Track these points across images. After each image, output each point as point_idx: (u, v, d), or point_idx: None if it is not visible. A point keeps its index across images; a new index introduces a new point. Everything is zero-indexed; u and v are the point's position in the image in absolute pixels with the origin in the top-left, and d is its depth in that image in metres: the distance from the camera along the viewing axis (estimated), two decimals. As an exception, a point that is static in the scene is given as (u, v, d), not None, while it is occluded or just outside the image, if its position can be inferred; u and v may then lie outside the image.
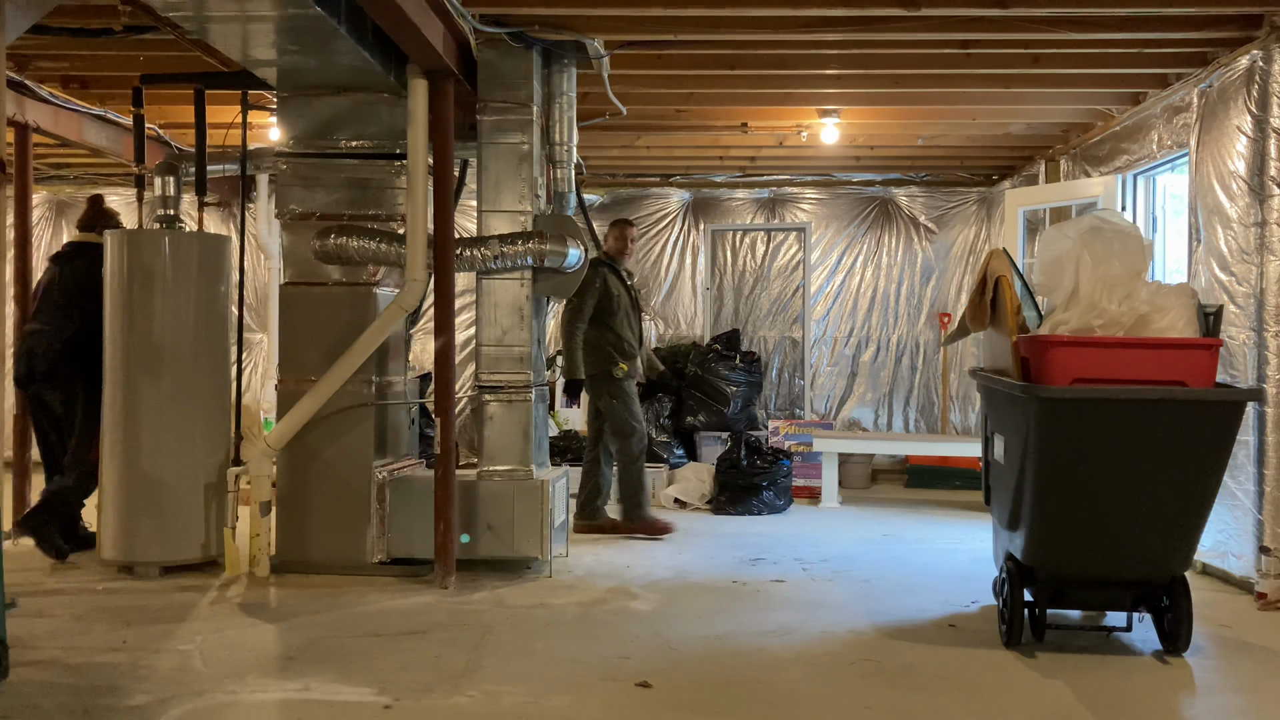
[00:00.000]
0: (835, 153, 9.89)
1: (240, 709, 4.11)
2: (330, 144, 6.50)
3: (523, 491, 6.28)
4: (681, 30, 6.33)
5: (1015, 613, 4.96)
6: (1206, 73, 6.56)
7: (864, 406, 11.25)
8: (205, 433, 6.39)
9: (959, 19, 6.16)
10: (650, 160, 10.50)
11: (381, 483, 6.32)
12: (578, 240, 6.47)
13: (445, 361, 6.17)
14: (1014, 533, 5.04)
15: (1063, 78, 7.34)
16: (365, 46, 5.60)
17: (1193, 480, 4.67)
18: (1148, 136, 7.47)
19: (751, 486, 8.81)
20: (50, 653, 4.74)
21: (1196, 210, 6.63)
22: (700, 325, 11.36)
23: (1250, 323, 6.04)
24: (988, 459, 5.55)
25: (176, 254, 6.37)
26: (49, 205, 11.33)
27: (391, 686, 4.33)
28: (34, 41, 6.35)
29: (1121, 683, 4.58)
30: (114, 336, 6.32)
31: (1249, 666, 4.90)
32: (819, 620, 5.49)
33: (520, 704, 4.17)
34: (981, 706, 4.28)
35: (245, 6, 5.06)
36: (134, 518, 6.21)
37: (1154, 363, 4.67)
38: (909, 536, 7.94)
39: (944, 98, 7.98)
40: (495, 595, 5.89)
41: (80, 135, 8.01)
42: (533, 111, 6.40)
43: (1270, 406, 5.87)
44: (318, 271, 6.48)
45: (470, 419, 10.46)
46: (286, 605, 5.65)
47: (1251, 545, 5.96)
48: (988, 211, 11.04)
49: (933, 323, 11.20)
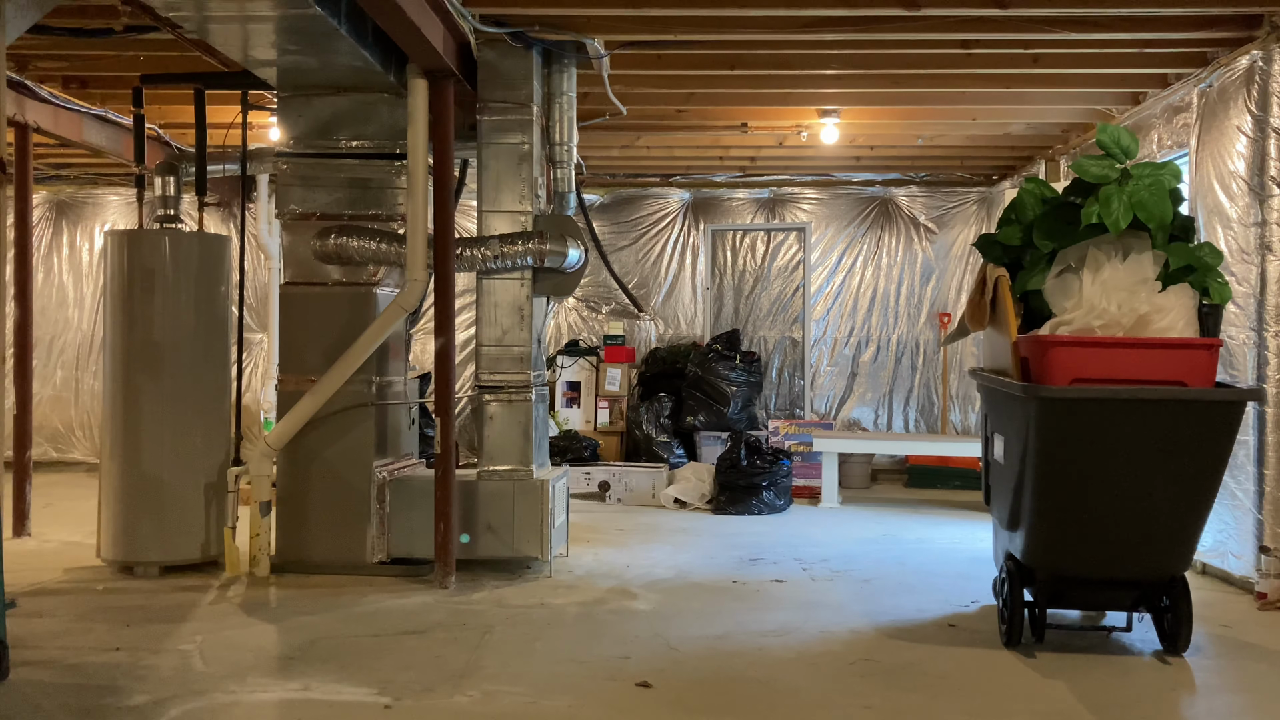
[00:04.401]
0: (835, 153, 9.89)
1: (240, 709, 4.11)
2: (330, 144, 6.50)
3: (523, 491, 6.28)
4: (681, 30, 6.33)
5: (1015, 613, 4.96)
6: (1206, 73, 6.56)
7: (864, 406, 11.25)
8: (205, 433, 6.39)
9: (959, 19, 6.16)
10: (650, 160, 10.50)
11: (381, 483, 6.32)
12: (578, 240, 6.47)
13: (445, 361, 6.17)
14: (1014, 533, 5.04)
15: (1063, 78, 7.34)
16: (365, 46, 5.60)
17: (1193, 480, 4.67)
18: (1148, 137, 7.47)
19: (751, 486, 8.81)
20: (50, 653, 4.74)
21: (1196, 210, 6.63)
22: (700, 325, 11.36)
23: (1250, 323, 6.04)
24: (988, 459, 5.55)
25: (176, 254, 6.37)
26: (49, 205, 11.34)
27: (391, 686, 4.33)
28: (34, 41, 6.35)
29: (1121, 683, 4.58)
30: (114, 336, 6.32)
31: (1249, 666, 4.90)
32: (819, 620, 5.49)
33: (520, 704, 4.17)
34: (981, 706, 4.28)
35: (245, 6, 5.06)
36: (134, 518, 6.21)
37: (1154, 363, 4.67)
38: (909, 536, 7.94)
39: (944, 98, 7.98)
40: (495, 595, 5.89)
41: (80, 135, 8.02)
42: (533, 111, 6.40)
43: (1270, 406, 5.87)
44: (318, 271, 6.48)
45: (470, 419, 10.47)
46: (286, 605, 5.65)
47: (1251, 545, 5.96)
48: (988, 211, 11.04)
49: (933, 323, 11.20)
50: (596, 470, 9.45)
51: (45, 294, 11.11)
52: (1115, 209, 4.86)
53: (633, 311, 11.17)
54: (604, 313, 11.43)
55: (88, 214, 11.43)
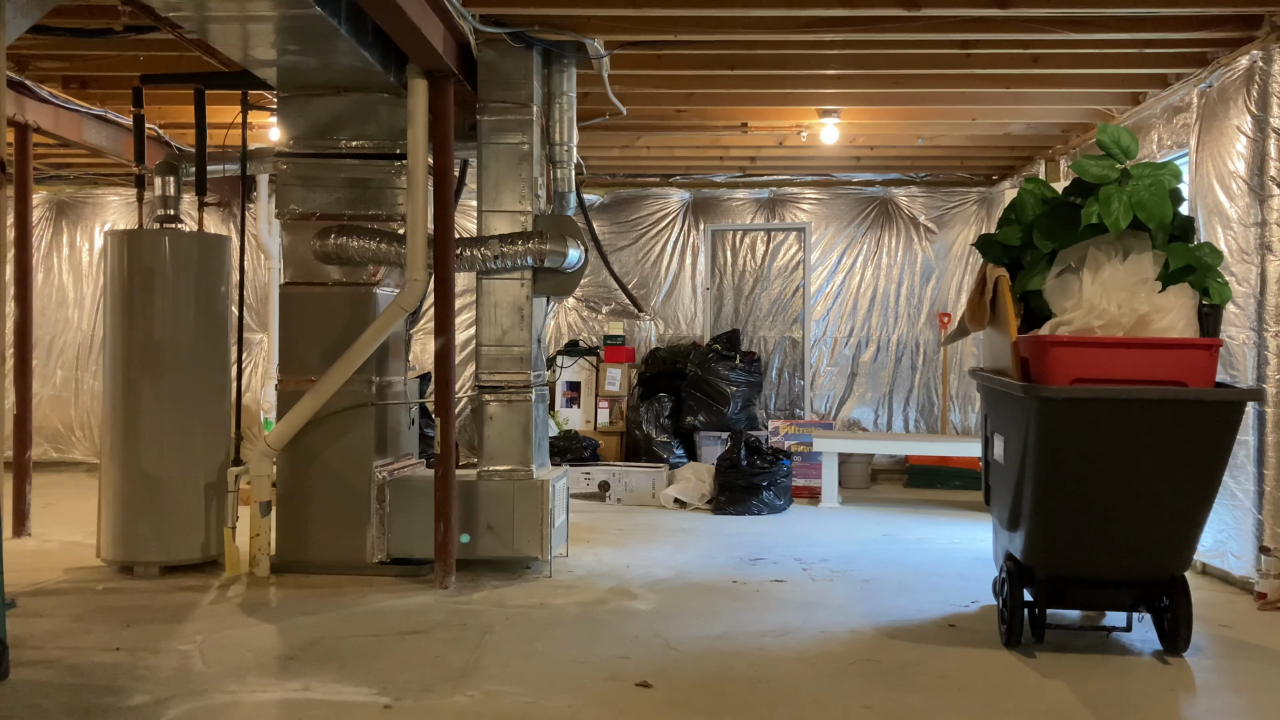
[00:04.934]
0: (835, 153, 9.89)
1: (240, 709, 4.11)
2: (330, 144, 6.50)
3: (523, 491, 6.28)
4: (681, 30, 6.33)
5: (1015, 613, 4.96)
6: (1206, 73, 6.56)
7: (864, 406, 11.25)
8: (205, 433, 6.40)
9: (959, 19, 6.16)
10: (650, 160, 10.50)
11: (381, 483, 6.32)
12: (578, 240, 6.47)
13: (445, 361, 6.17)
14: (1014, 533, 5.04)
15: (1063, 78, 7.34)
16: (365, 46, 5.60)
17: (1192, 480, 4.67)
18: (1148, 137, 7.46)
19: (751, 486, 8.81)
20: (50, 653, 4.74)
21: (1196, 210, 6.63)
22: (700, 325, 11.36)
23: (1250, 323, 6.04)
24: (988, 459, 5.55)
25: (176, 254, 6.37)
26: (49, 205, 11.34)
27: (391, 686, 4.33)
28: (34, 41, 6.35)
29: (1121, 683, 4.58)
30: (114, 336, 6.32)
31: (1249, 666, 4.90)
32: (819, 620, 5.49)
33: (520, 704, 4.17)
34: (981, 706, 4.28)
35: (245, 6, 5.06)
36: (134, 518, 6.21)
37: (1154, 363, 4.67)
38: (909, 536, 7.94)
39: (944, 98, 7.98)
40: (495, 595, 5.89)
41: (80, 135, 8.02)
42: (533, 111, 6.40)
43: (1270, 406, 5.86)
44: (318, 271, 6.48)
45: (470, 419, 10.47)
46: (286, 605, 5.65)
47: (1251, 545, 5.96)
48: (988, 211, 11.04)
49: (933, 323, 11.19)
50: (596, 470, 9.45)
51: (45, 294, 11.11)
52: (1115, 209, 4.86)
53: (633, 311, 11.17)
54: (604, 313, 11.43)
55: (88, 214, 11.43)
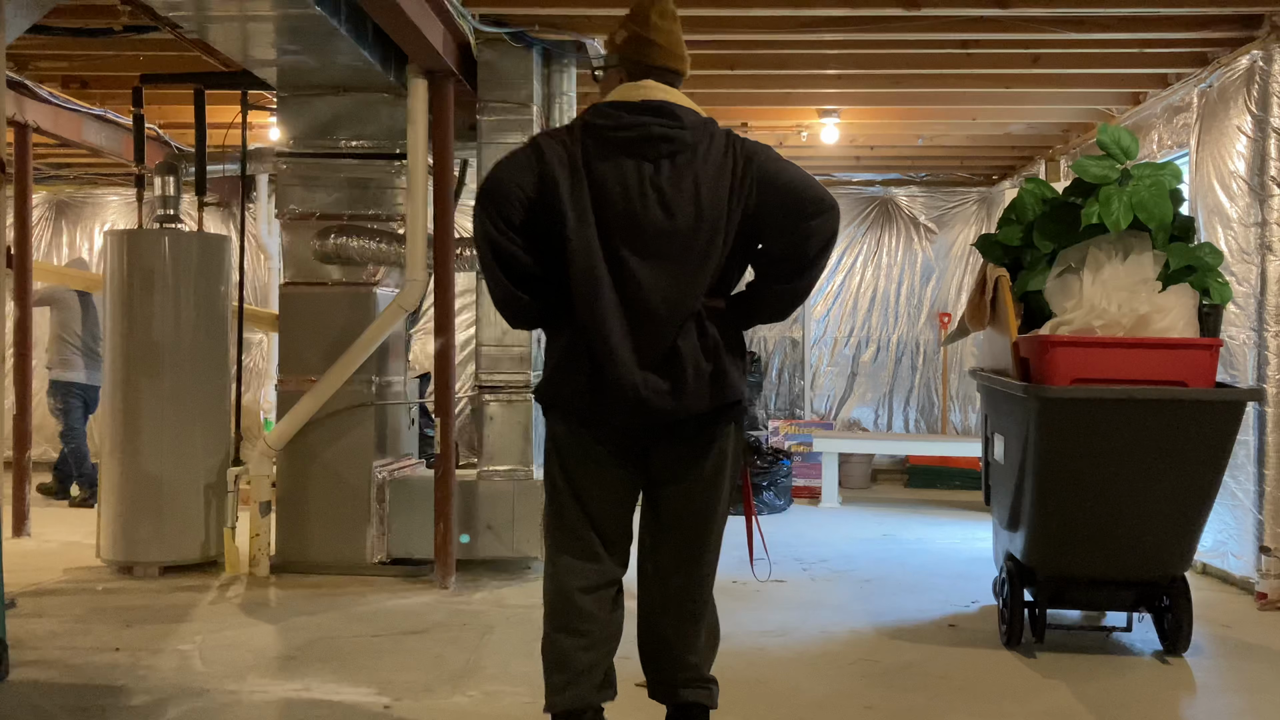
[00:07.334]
0: (835, 153, 9.88)
1: (240, 709, 4.11)
2: (330, 144, 6.49)
3: (523, 491, 6.28)
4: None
5: (1015, 613, 4.96)
6: (1206, 73, 6.56)
7: (864, 406, 11.24)
8: (205, 433, 6.39)
9: (959, 19, 6.16)
10: (650, 160, 10.47)
11: (381, 483, 6.32)
12: (578, 240, 6.45)
13: (445, 361, 6.17)
14: (1014, 533, 5.03)
15: (1063, 78, 7.34)
16: (365, 46, 5.59)
17: (1193, 480, 4.67)
18: (1148, 137, 7.46)
19: (751, 486, 8.79)
20: (50, 653, 4.74)
21: (1196, 210, 6.62)
22: (700, 325, 11.33)
23: (1250, 323, 6.04)
24: (988, 459, 5.55)
25: (176, 254, 6.37)
26: (49, 205, 11.32)
27: (391, 686, 4.33)
28: (34, 41, 6.34)
29: (1121, 683, 4.58)
30: (114, 336, 6.32)
31: (1249, 666, 4.90)
32: (819, 620, 5.49)
33: (520, 704, 4.17)
34: (981, 706, 4.28)
35: (245, 6, 5.06)
36: (133, 518, 6.21)
37: (1154, 363, 4.67)
38: (909, 536, 7.94)
39: (944, 98, 7.98)
40: (495, 595, 5.89)
41: (80, 135, 8.01)
42: (533, 111, 6.39)
43: (1270, 406, 5.86)
44: (318, 271, 6.47)
45: (470, 419, 10.45)
46: (286, 605, 5.65)
47: (1251, 545, 5.96)
48: (988, 211, 11.03)
49: (933, 323, 11.19)
50: (596, 470, 9.42)
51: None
52: (1115, 209, 4.86)
53: (633, 311, 11.14)
54: (604, 313, 11.40)
55: (88, 214, 11.42)
